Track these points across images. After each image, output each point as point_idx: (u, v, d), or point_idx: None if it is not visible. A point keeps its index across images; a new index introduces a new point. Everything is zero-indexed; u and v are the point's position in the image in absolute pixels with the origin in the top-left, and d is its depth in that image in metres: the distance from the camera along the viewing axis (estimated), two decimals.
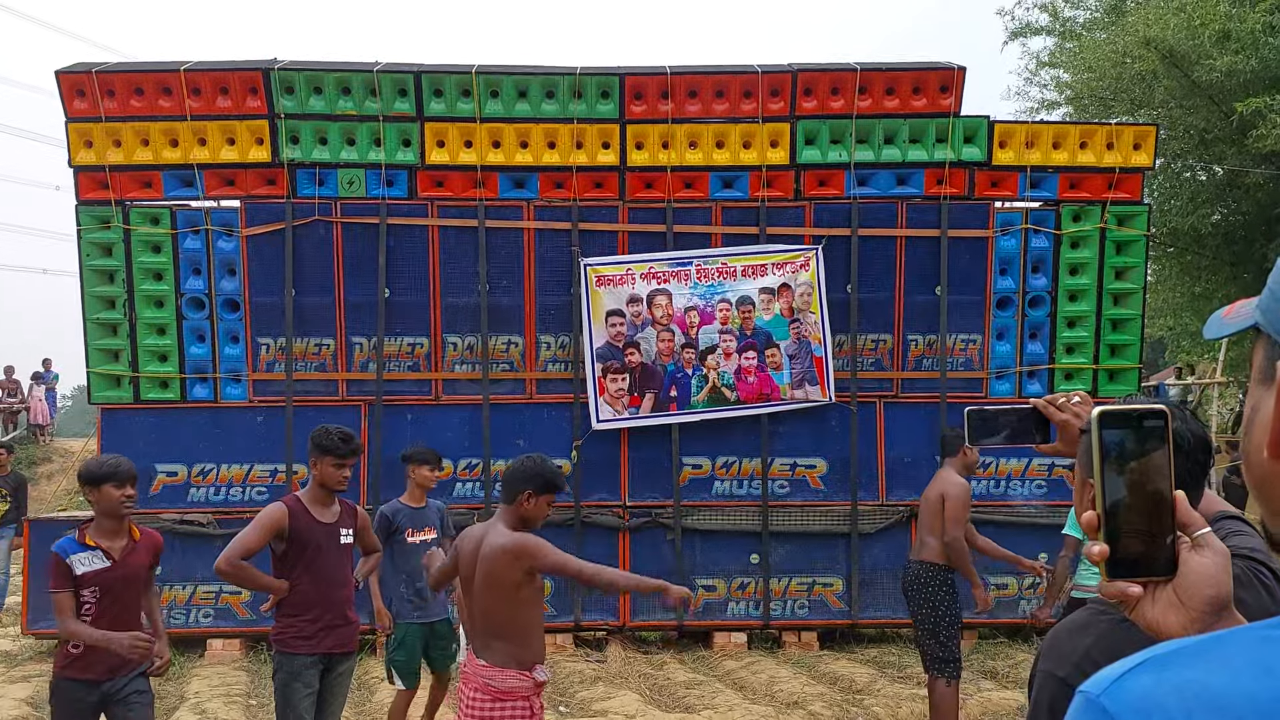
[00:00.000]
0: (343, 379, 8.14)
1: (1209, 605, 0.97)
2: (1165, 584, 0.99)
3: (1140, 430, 1.00)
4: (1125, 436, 1.00)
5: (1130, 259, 8.35)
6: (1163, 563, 0.99)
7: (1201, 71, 14.43)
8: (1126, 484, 1.00)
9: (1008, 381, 8.35)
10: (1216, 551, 0.99)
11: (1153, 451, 1.00)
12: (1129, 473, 1.00)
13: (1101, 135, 8.30)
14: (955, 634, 5.51)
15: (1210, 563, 0.98)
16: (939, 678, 5.47)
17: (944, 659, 5.46)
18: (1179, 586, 0.98)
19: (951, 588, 5.51)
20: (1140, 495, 1.00)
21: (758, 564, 8.14)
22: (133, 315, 8.03)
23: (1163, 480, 1.00)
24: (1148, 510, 0.99)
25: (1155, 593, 0.99)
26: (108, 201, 7.97)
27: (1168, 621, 0.98)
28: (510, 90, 8.01)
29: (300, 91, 7.93)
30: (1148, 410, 1.01)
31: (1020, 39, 19.80)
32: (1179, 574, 0.98)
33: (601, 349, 8.08)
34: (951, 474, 5.59)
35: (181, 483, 8.07)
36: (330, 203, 8.04)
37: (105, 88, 7.87)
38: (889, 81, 8.11)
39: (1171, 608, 0.98)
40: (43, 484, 15.71)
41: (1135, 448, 1.00)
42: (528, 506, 3.52)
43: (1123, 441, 1.00)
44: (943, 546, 5.49)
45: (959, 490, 5.49)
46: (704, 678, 7.25)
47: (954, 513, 5.45)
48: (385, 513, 5.59)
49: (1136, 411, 1.01)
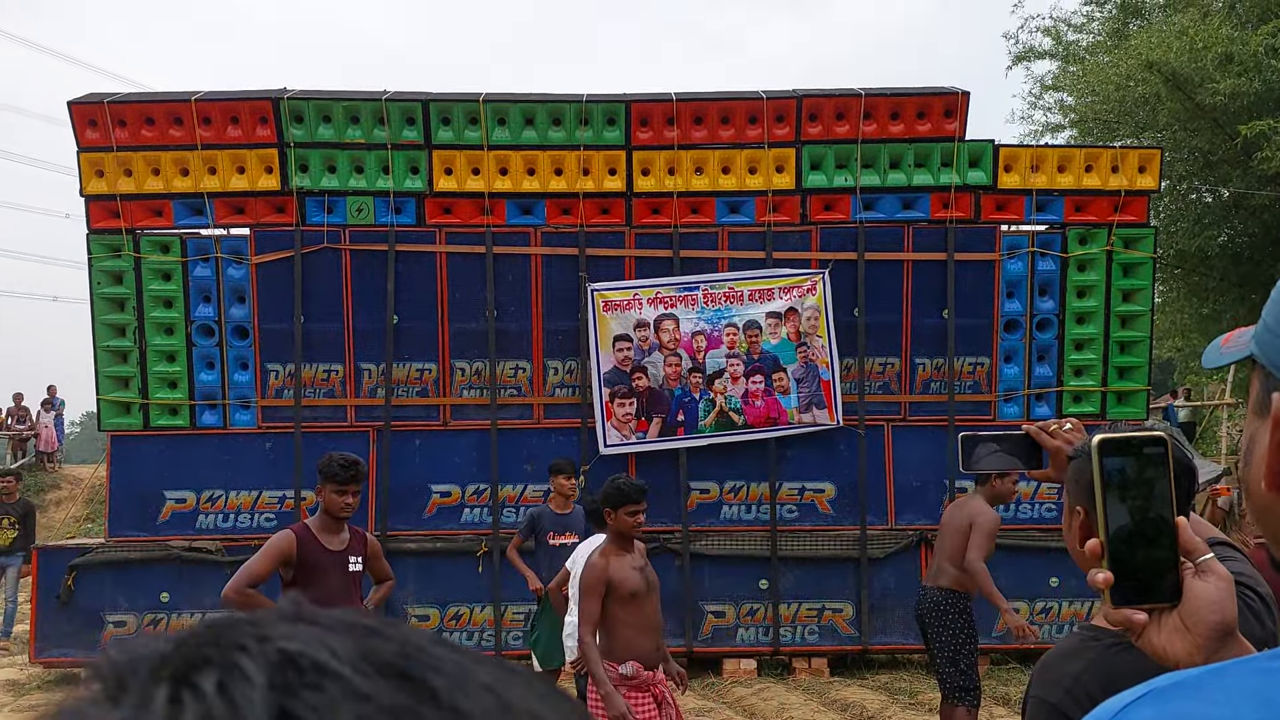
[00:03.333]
0: (351, 405, 8.17)
1: (1214, 631, 0.97)
2: (1170, 610, 0.99)
3: (1140, 457, 1.01)
4: (1126, 463, 1.01)
5: (1137, 281, 8.35)
6: (1167, 589, 0.99)
7: (1205, 94, 14.50)
8: (1128, 511, 1.01)
9: (1016, 404, 8.34)
10: (1221, 577, 0.99)
11: (1154, 478, 1.01)
12: (1130, 499, 1.01)
13: (1107, 158, 8.33)
14: (974, 662, 5.45)
15: (1214, 588, 0.98)
16: (958, 706, 5.39)
17: (964, 687, 5.40)
18: (1184, 612, 0.98)
19: (969, 614, 5.46)
20: (1143, 521, 1.00)
21: (767, 589, 8.10)
22: (143, 342, 8.08)
23: (1164, 506, 1.00)
24: (1150, 537, 1.00)
25: (1160, 619, 0.99)
26: (119, 230, 8.04)
27: (1174, 647, 0.98)
28: (517, 118, 8.08)
29: (309, 120, 8.01)
30: (1147, 438, 1.02)
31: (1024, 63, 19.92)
32: (1183, 600, 0.98)
33: (609, 374, 8.09)
34: (980, 503, 5.52)
35: (190, 509, 8.08)
36: (339, 230, 8.09)
37: (117, 118, 7.96)
38: (894, 106, 8.15)
39: (1177, 633, 0.98)
40: (50, 511, 15.74)
41: (1136, 474, 1.01)
42: (612, 522, 4.19)
43: (1124, 468, 1.01)
44: (959, 574, 5.43)
45: (988, 519, 5.42)
46: (714, 705, 7.21)
47: (980, 539, 5.37)
48: (533, 514, 6.39)
49: (1136, 439, 1.02)
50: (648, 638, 4.14)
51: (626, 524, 4.15)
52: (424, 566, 7.97)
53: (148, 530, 8.06)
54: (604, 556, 4.17)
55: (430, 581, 7.98)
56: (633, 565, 4.18)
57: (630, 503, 4.15)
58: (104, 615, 7.93)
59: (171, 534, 8.02)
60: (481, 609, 8.04)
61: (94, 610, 7.91)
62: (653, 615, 4.19)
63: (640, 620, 4.12)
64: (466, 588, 8.01)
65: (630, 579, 4.13)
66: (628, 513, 4.14)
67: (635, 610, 4.11)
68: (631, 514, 4.15)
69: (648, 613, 4.15)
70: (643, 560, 4.25)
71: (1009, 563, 8.13)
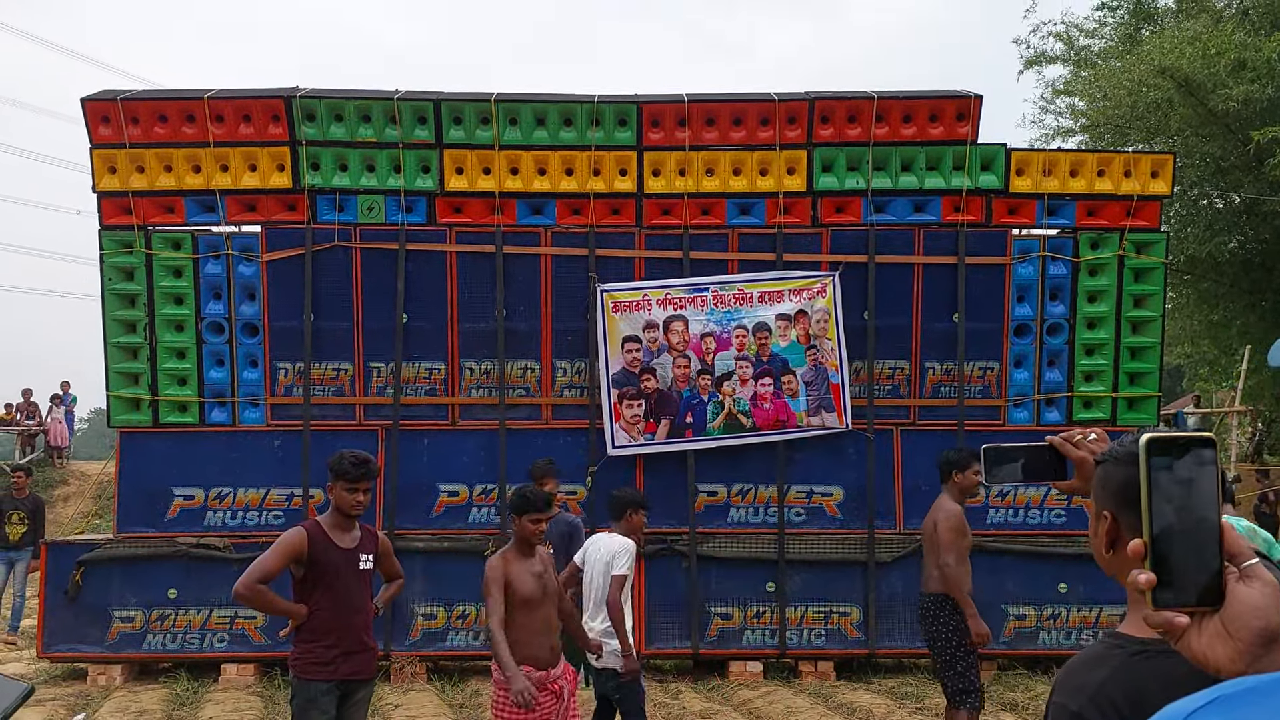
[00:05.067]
0: (360, 404, 8.17)
1: (1257, 637, 0.95)
2: (1212, 614, 0.97)
3: (1187, 457, 1.00)
4: (1173, 464, 1.00)
5: (1148, 286, 8.31)
6: (1210, 593, 0.98)
7: (1217, 100, 14.46)
8: (1173, 512, 0.99)
9: (1025, 409, 8.31)
10: (1265, 582, 0.97)
11: (1200, 479, 0.99)
12: (1176, 500, 0.99)
13: (1119, 163, 8.30)
14: (972, 664, 5.43)
15: (1259, 594, 0.96)
16: (960, 709, 5.39)
17: (964, 690, 5.39)
18: (1226, 617, 0.96)
19: (963, 617, 5.44)
20: (1187, 523, 0.99)
21: (774, 592, 8.08)
22: (153, 339, 8.10)
23: (1209, 509, 0.99)
24: (1195, 539, 0.98)
25: (1202, 623, 0.98)
26: (130, 226, 8.06)
27: (1214, 653, 0.96)
28: (529, 118, 8.08)
29: (321, 119, 8.02)
30: (1196, 438, 1.00)
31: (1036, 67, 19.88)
32: (1226, 604, 0.97)
33: (618, 375, 8.08)
34: (946, 501, 5.52)
35: (199, 506, 8.09)
36: (350, 228, 8.10)
37: (130, 115, 7.98)
38: (906, 109, 8.13)
39: (1218, 639, 0.96)
40: (59, 506, 15.77)
41: (1183, 475, 1.00)
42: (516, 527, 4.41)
43: (1170, 468, 1.00)
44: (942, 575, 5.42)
45: (949, 517, 5.41)
46: (720, 707, 7.19)
47: (945, 539, 5.37)
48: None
49: (1184, 439, 1.00)
50: (542, 639, 4.32)
51: (528, 530, 4.33)
52: (431, 565, 7.97)
53: (156, 526, 8.07)
54: (503, 559, 4.34)
55: (437, 580, 7.98)
56: (531, 571, 4.33)
57: (534, 510, 4.33)
58: (111, 611, 7.94)
59: (180, 530, 8.03)
60: None
61: (101, 606, 7.92)
62: (549, 619, 4.36)
63: (534, 624, 4.29)
64: (473, 587, 7.93)
65: (526, 584, 4.28)
66: (531, 520, 4.32)
67: (530, 614, 4.28)
68: (534, 521, 4.33)
69: (543, 617, 4.32)
70: (542, 566, 4.40)
71: (1017, 568, 8.11)
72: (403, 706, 7.10)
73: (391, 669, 7.80)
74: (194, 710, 7.15)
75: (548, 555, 4.59)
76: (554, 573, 4.54)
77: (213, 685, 7.79)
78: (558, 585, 4.54)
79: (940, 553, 5.36)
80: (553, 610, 4.41)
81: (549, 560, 4.55)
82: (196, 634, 7.96)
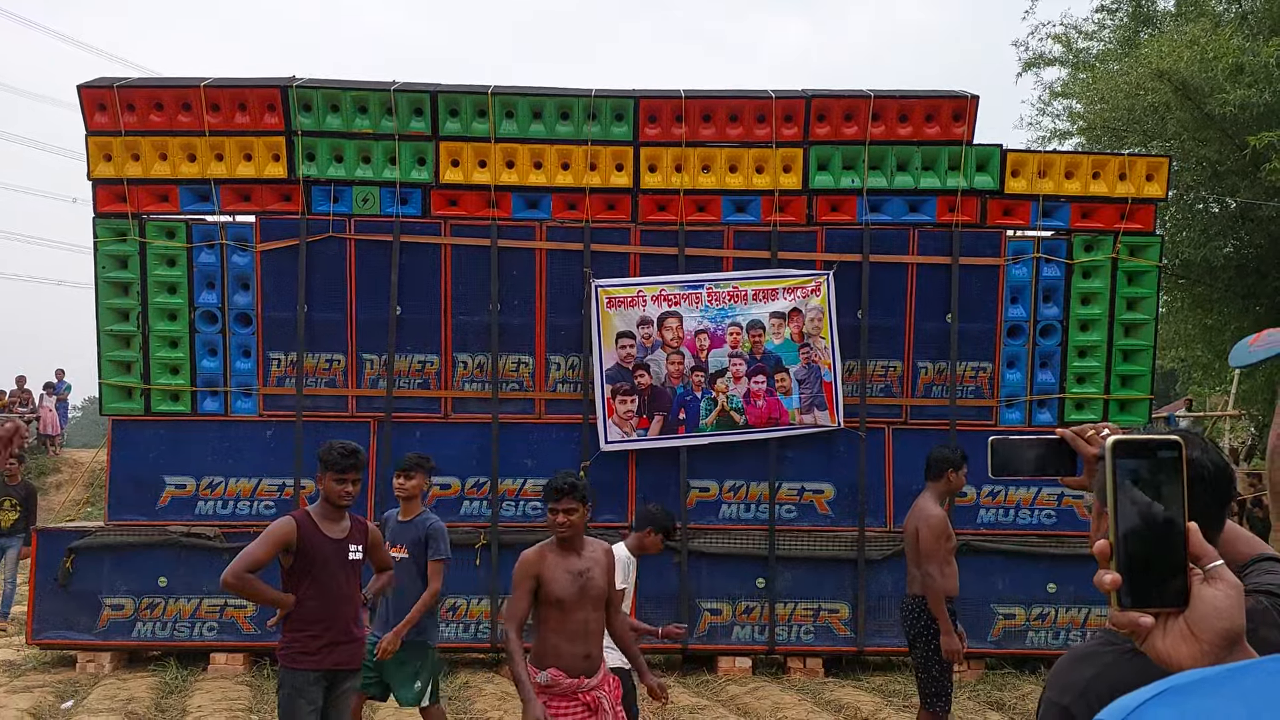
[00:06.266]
0: (353, 395, 8.17)
1: (1220, 638, 0.96)
2: (1177, 615, 0.99)
3: (1154, 460, 1.01)
4: (1139, 466, 1.01)
5: (1142, 289, 8.34)
6: (1175, 594, 0.99)
7: (1214, 104, 14.47)
8: (1139, 514, 1.00)
9: (1018, 410, 8.33)
10: (1229, 584, 0.98)
11: (1166, 482, 1.01)
12: (1142, 502, 1.01)
13: (1114, 166, 8.32)
14: (947, 669, 5.42)
15: (1223, 595, 0.98)
16: (930, 711, 5.41)
17: (935, 694, 5.38)
18: (1190, 618, 0.98)
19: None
20: (1153, 525, 1.00)
21: (764, 588, 8.10)
22: (146, 328, 8.09)
23: (1176, 511, 1.00)
24: (1160, 540, 1.00)
25: (1166, 623, 0.99)
26: (125, 215, 8.04)
27: (1179, 653, 0.98)
28: (525, 111, 8.08)
29: (317, 109, 8.01)
30: (1162, 441, 1.01)
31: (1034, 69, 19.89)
32: (1191, 605, 0.98)
33: (611, 370, 8.09)
34: (928, 503, 5.39)
35: (190, 495, 8.09)
36: (344, 220, 8.09)
37: (126, 102, 7.96)
38: (903, 109, 8.14)
39: (1183, 639, 0.97)
40: (52, 494, 15.76)
41: (1149, 477, 1.01)
42: None
43: (1137, 471, 1.01)
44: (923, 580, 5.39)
45: (932, 522, 5.29)
46: (708, 702, 7.21)
47: (926, 545, 5.25)
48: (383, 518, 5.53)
49: (1151, 442, 1.01)
50: (574, 645, 3.91)
51: (551, 523, 3.95)
52: None
53: (147, 515, 8.07)
54: (539, 553, 3.96)
55: None
56: (569, 569, 3.93)
57: (551, 499, 3.94)
58: (101, 598, 7.94)
59: (171, 519, 8.03)
60: (479, 601, 8.05)
61: (91, 593, 7.92)
62: (586, 624, 3.94)
63: (567, 628, 3.90)
64: (464, 580, 8.01)
65: (559, 583, 3.90)
66: (559, 509, 3.91)
67: (563, 617, 3.90)
68: (556, 512, 3.92)
69: (578, 621, 3.91)
70: (587, 565, 3.96)
71: (1007, 568, 8.14)
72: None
73: None
74: (182, 698, 7.15)
75: (604, 555, 4.07)
76: (605, 575, 4.02)
77: (201, 674, 7.79)
78: (606, 589, 4.03)
79: (922, 561, 5.32)
80: (593, 615, 3.97)
81: (602, 560, 4.04)
82: (186, 622, 7.97)
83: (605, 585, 4.00)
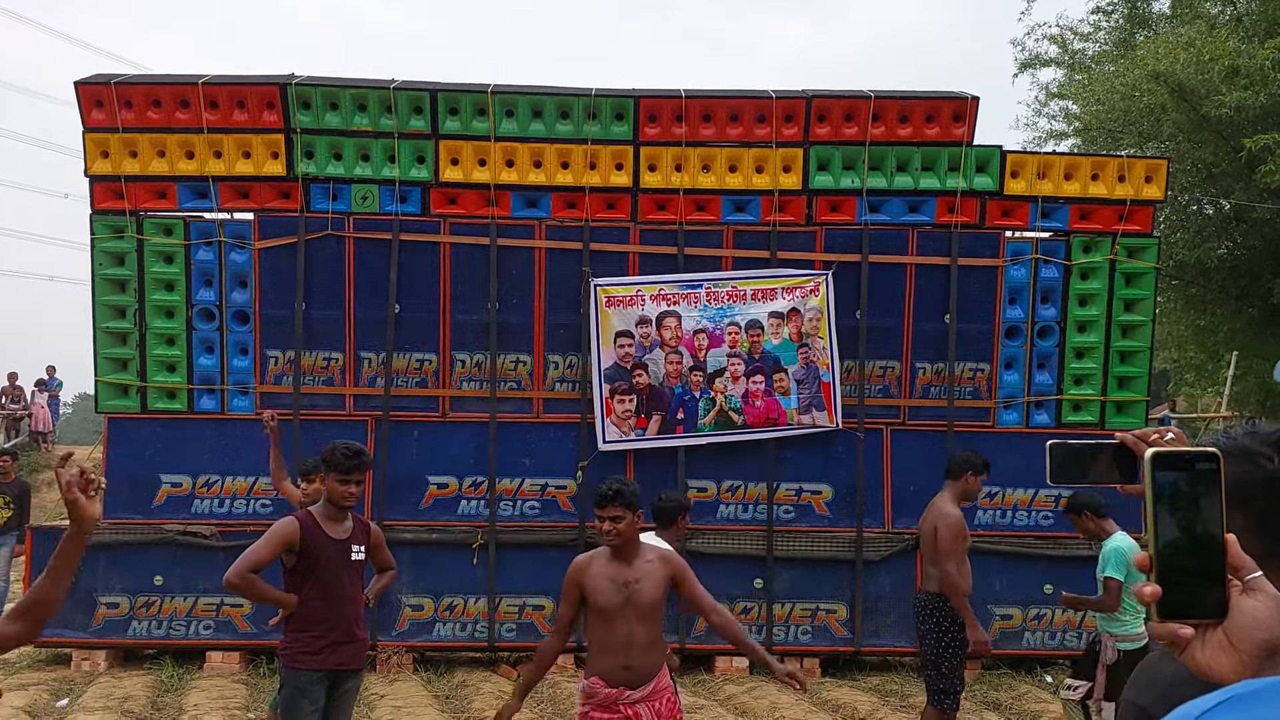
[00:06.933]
0: (350, 394, 8.15)
1: (1260, 648, 0.96)
2: (1216, 626, 0.99)
3: (1193, 472, 1.01)
4: (1178, 478, 1.01)
5: (1140, 291, 8.36)
6: (1213, 605, 0.99)
7: (1210, 106, 14.52)
8: (1178, 525, 1.00)
9: (1015, 411, 8.35)
10: (1268, 595, 0.99)
11: (1205, 493, 1.01)
12: (1181, 514, 1.01)
13: (1113, 167, 8.34)
14: (957, 666, 5.47)
15: (1262, 606, 0.98)
16: (936, 708, 5.45)
17: (943, 691, 5.43)
18: (1229, 629, 0.98)
19: (956, 619, 5.48)
20: (1192, 536, 1.00)
21: (761, 589, 8.11)
22: (143, 325, 8.05)
23: (1214, 522, 1.00)
24: (1199, 552, 1.00)
25: (1205, 635, 0.99)
26: (122, 211, 8.01)
27: (1218, 663, 0.98)
28: (525, 110, 8.06)
29: (316, 107, 7.98)
30: (1200, 453, 1.01)
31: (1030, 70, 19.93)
32: (1230, 617, 0.98)
33: (609, 370, 8.08)
34: (946, 503, 5.49)
35: (186, 493, 8.06)
36: (343, 218, 8.07)
37: (123, 99, 7.92)
38: (903, 109, 8.15)
39: (1222, 650, 0.97)
40: (44, 491, 15.68)
41: (1187, 489, 1.01)
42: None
43: (1175, 483, 1.01)
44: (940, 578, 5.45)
45: (950, 521, 5.39)
46: (705, 702, 7.21)
47: (945, 544, 5.36)
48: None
49: (1189, 453, 1.01)
50: (614, 656, 3.79)
51: (600, 530, 3.80)
52: (419, 557, 7.96)
53: (143, 513, 8.04)
54: (588, 560, 3.88)
55: (425, 572, 7.97)
56: (614, 578, 3.79)
57: (599, 505, 3.77)
58: (97, 596, 7.91)
59: (167, 518, 8.00)
60: (476, 600, 8.03)
61: (87, 591, 7.88)
62: (630, 635, 3.78)
63: (609, 639, 3.80)
64: (461, 579, 8.01)
65: (602, 592, 3.78)
66: (605, 515, 3.75)
67: (605, 627, 3.80)
68: (602, 519, 3.77)
69: (622, 633, 3.77)
70: (636, 575, 3.79)
71: (1005, 569, 8.16)
72: (389, 696, 7.10)
73: (378, 659, 7.80)
74: (178, 697, 7.13)
75: (660, 565, 3.87)
76: (657, 586, 3.83)
77: (197, 672, 7.77)
78: (657, 600, 3.84)
79: (940, 559, 5.38)
80: (639, 627, 3.78)
81: (656, 571, 3.85)
82: (182, 621, 7.94)
83: (657, 597, 3.83)
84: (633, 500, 3.77)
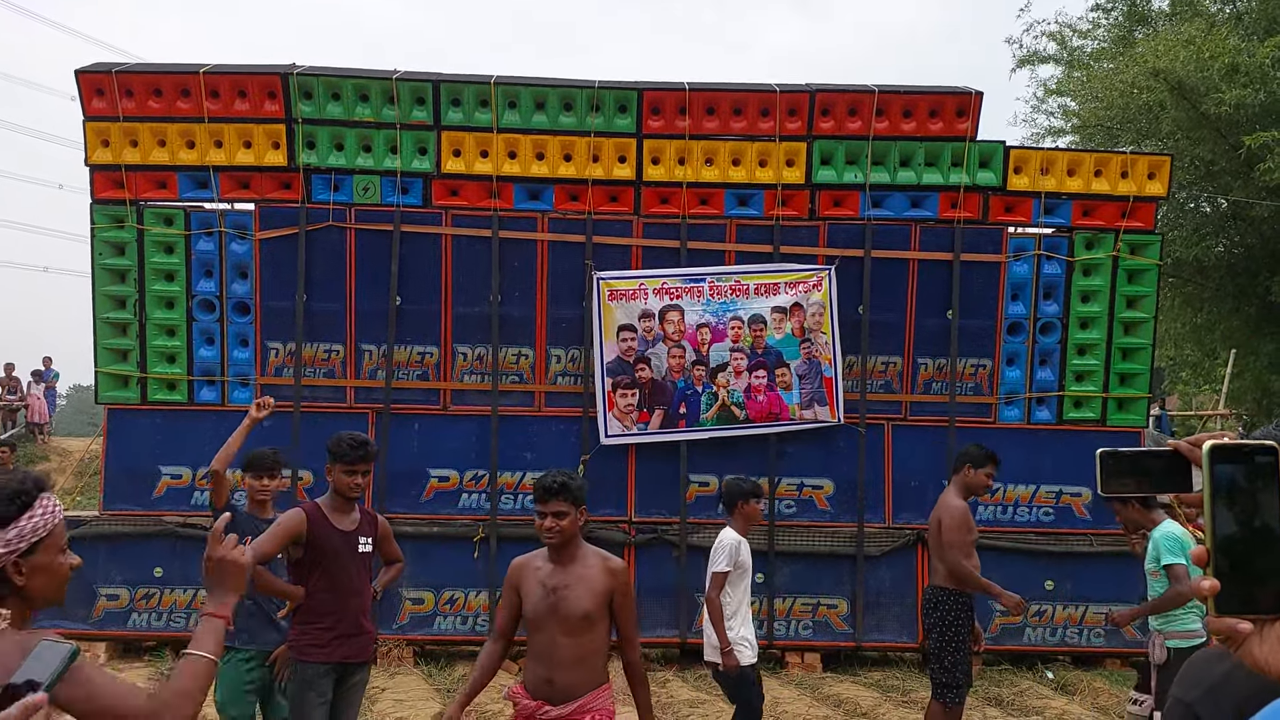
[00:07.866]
0: (351, 386, 8.12)
1: None
2: (1275, 622, 0.98)
3: (1251, 465, 1.00)
4: (1236, 471, 1.00)
5: (1141, 288, 8.36)
6: (1272, 600, 0.98)
7: (1209, 104, 14.52)
8: (1236, 519, 0.99)
9: (1017, 407, 8.35)
10: None
11: (1263, 487, 0.99)
12: (1239, 508, 0.99)
13: (1116, 164, 8.33)
14: (961, 660, 5.47)
15: None
16: (940, 702, 5.46)
17: (947, 684, 5.44)
18: None
19: (963, 613, 5.48)
20: (1250, 530, 0.99)
21: (763, 583, 8.09)
22: (143, 315, 8.02)
23: (1272, 516, 0.99)
24: (1258, 546, 0.99)
25: (1264, 630, 0.98)
26: (122, 201, 7.96)
27: (1276, 660, 0.97)
28: (528, 102, 8.03)
29: (318, 97, 7.94)
30: (1259, 446, 1.00)
31: (1029, 66, 19.92)
32: None
33: (612, 364, 8.06)
34: (950, 496, 5.55)
35: (185, 485, 8.03)
36: (345, 209, 8.03)
37: (124, 88, 7.87)
38: (906, 104, 8.13)
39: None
40: None
41: (1246, 483, 1.00)
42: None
43: (1234, 477, 1.00)
44: (949, 571, 5.48)
45: (954, 514, 5.44)
46: (707, 696, 7.20)
47: (950, 537, 5.41)
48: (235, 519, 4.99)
49: (1248, 447, 1.00)
50: (538, 666, 3.47)
51: (537, 526, 3.50)
52: (420, 550, 7.92)
53: (143, 505, 8.01)
54: (528, 558, 3.57)
55: (425, 565, 7.94)
56: (545, 581, 3.46)
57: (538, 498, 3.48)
58: (96, 588, 7.88)
59: (166, 509, 7.97)
60: (476, 594, 8.02)
61: (86, 583, 7.85)
62: (549, 645, 3.44)
63: (531, 644, 3.51)
64: (462, 572, 7.99)
65: (529, 594, 3.48)
66: (545, 511, 3.45)
67: (532, 635, 3.49)
68: (542, 516, 3.47)
69: (542, 641, 3.46)
70: (567, 581, 3.44)
71: (1004, 565, 8.14)
72: (390, 690, 7.09)
73: (379, 652, 7.78)
74: None
75: (600, 574, 3.49)
76: (591, 596, 3.44)
77: None
78: (587, 610, 3.43)
79: (945, 551, 5.40)
80: (564, 639, 3.43)
81: (594, 579, 3.47)
82: (182, 613, 7.92)
83: (587, 607, 3.42)
84: (579, 496, 3.46)
